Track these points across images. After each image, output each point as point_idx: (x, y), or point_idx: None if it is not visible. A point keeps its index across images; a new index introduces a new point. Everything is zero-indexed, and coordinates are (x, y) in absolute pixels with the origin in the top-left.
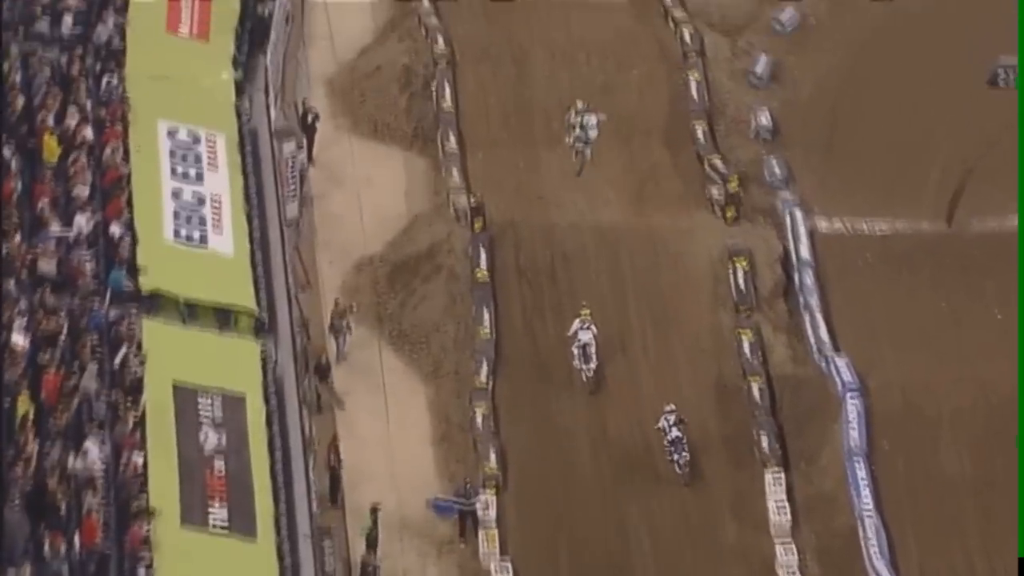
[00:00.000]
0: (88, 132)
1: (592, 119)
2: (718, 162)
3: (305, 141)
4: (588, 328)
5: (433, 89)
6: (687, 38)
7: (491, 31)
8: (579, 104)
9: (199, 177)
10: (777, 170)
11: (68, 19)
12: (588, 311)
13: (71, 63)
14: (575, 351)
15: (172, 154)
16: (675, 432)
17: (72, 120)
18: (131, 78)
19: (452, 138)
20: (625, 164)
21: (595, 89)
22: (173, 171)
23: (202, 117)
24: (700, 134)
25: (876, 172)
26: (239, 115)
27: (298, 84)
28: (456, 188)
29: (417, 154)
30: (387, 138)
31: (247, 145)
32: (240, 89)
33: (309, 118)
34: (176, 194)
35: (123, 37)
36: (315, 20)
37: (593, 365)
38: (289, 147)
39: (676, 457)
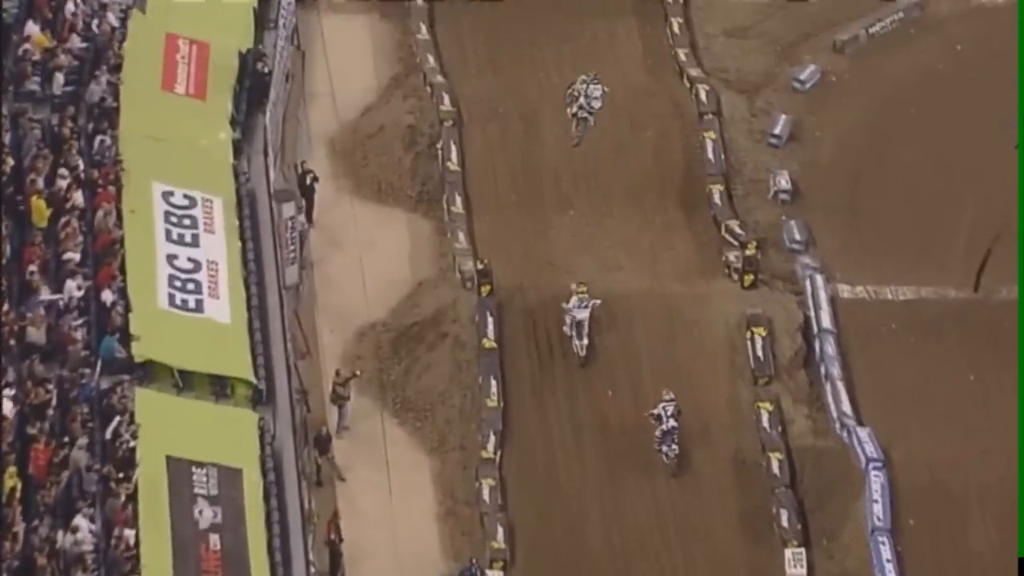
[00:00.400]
0: (80, 194)
1: (597, 90)
2: (735, 225)
3: (304, 203)
4: (586, 307)
5: (439, 149)
6: (703, 97)
7: (499, 89)
8: (584, 76)
9: (195, 241)
10: (797, 234)
11: (59, 78)
12: (585, 288)
13: (62, 123)
14: (568, 320)
15: (167, 217)
16: (671, 423)
17: (63, 182)
18: (125, 138)
19: (458, 200)
20: (638, 227)
21: (607, 149)
22: (168, 235)
23: (198, 179)
24: (717, 196)
25: (900, 236)
26: (237, 176)
27: (298, 144)
28: (462, 252)
29: (422, 216)
30: (391, 200)
31: (245, 208)
32: (238, 149)
33: (308, 180)
34: (171, 259)
35: (116, 96)
36: (316, 78)
37: (586, 342)
38: (289, 209)
39: (666, 449)
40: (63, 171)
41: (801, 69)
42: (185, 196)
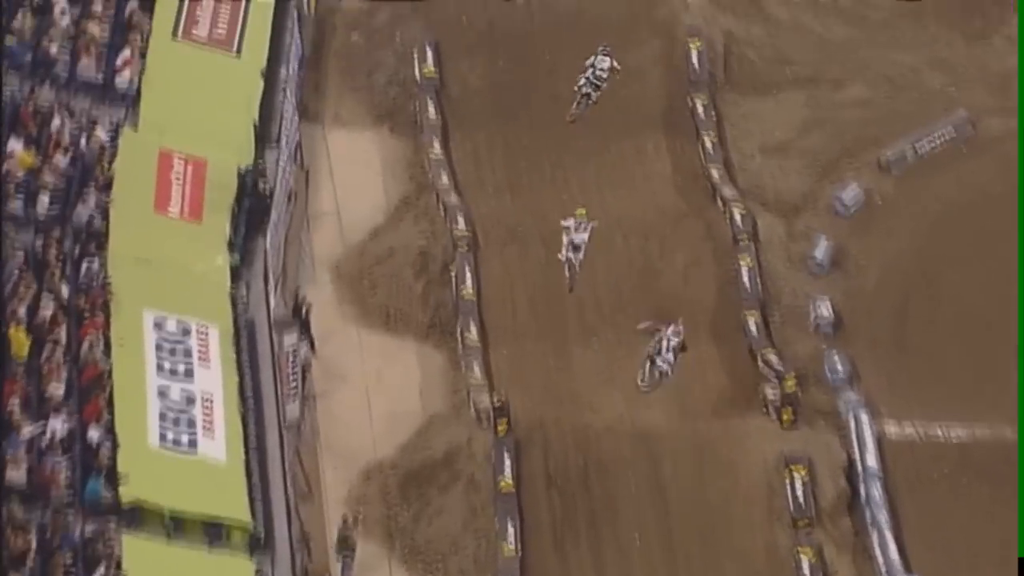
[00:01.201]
0: (64, 323)
1: (606, 61)
2: (773, 358)
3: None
4: (585, 229)
5: (452, 275)
6: (738, 219)
7: (518, 210)
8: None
9: (188, 374)
10: (840, 367)
11: (44, 198)
12: (584, 210)
13: (47, 247)
14: (565, 242)
15: (159, 348)
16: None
17: (47, 310)
18: (114, 263)
19: (473, 330)
20: None
21: (634, 274)
22: (160, 367)
23: (193, 306)
24: (752, 326)
25: (952, 370)
26: (235, 304)
27: (301, 269)
28: (477, 386)
29: (433, 347)
30: (400, 329)
31: (243, 337)
32: (236, 275)
33: (303, 310)
34: (162, 393)
35: (106, 218)
36: (321, 198)
37: (581, 256)
38: (290, 339)
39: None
40: (47, 298)
41: (844, 189)
42: (178, 325)
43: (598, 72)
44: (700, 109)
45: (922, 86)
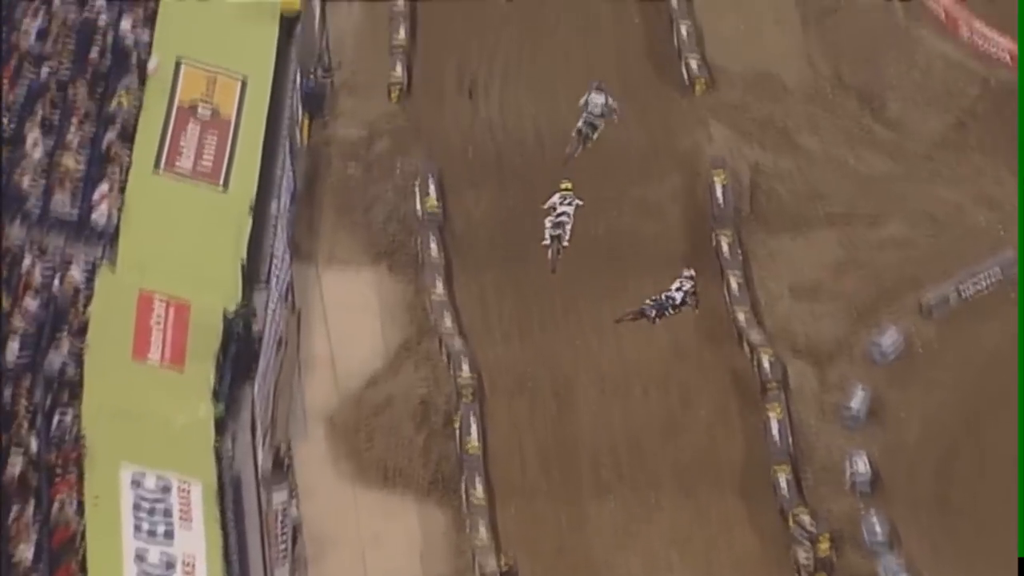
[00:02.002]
0: (34, 481)
1: (600, 98)
2: (805, 518)
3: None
4: (570, 203)
5: (456, 427)
6: (766, 367)
7: (527, 356)
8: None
9: (169, 535)
10: (878, 529)
11: (14, 345)
12: (570, 184)
13: (16, 397)
14: (549, 224)
15: (136, 507)
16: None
17: (15, 466)
18: (89, 415)
19: (479, 486)
20: (691, 519)
21: (654, 426)
22: (137, 528)
23: (174, 461)
24: (783, 484)
25: (999, 534)
26: (219, 459)
27: (291, 421)
28: (483, 548)
29: (436, 506)
30: (399, 487)
31: (228, 495)
32: (221, 427)
33: (284, 464)
34: (140, 557)
35: (80, 365)
36: (314, 343)
37: (567, 236)
38: (280, 497)
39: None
40: (15, 454)
41: (881, 335)
42: (158, 482)
43: (592, 111)
44: (725, 247)
45: (966, 224)
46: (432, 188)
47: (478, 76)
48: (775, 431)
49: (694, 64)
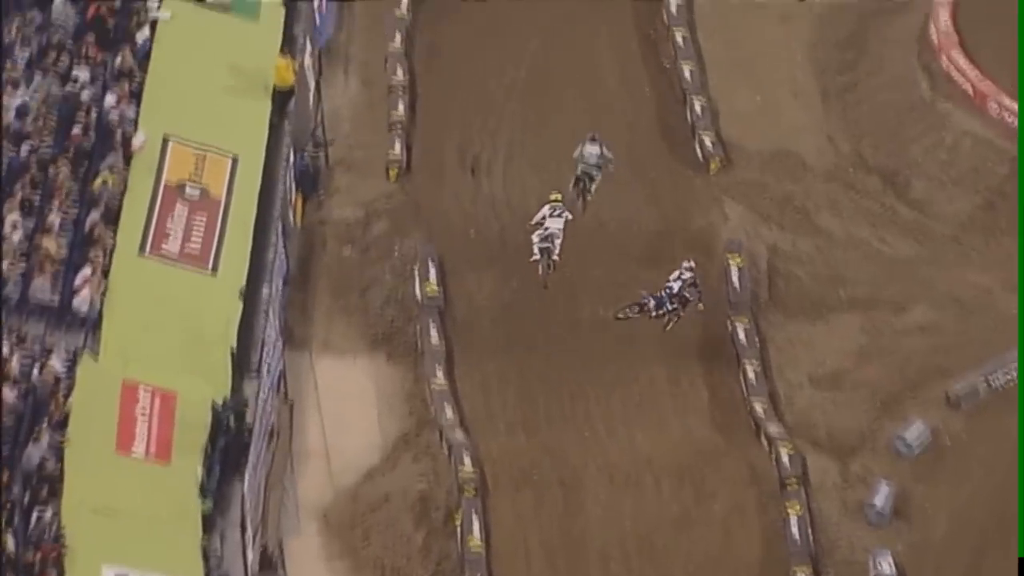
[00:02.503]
0: None
1: (595, 149)
2: None
3: None
4: (559, 215)
5: (458, 524)
6: (785, 460)
7: (533, 449)
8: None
9: None
10: None
11: None
12: (560, 195)
13: None
14: (536, 240)
15: None
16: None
17: None
18: (69, 512)
19: None
20: None
21: (667, 523)
22: None
23: (159, 561)
24: None
25: None
26: (207, 558)
27: (283, 517)
28: None
29: None
30: None
31: None
32: (209, 524)
33: (275, 563)
34: None
35: (60, 460)
36: (307, 435)
37: (558, 250)
38: None
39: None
40: None
41: (907, 428)
42: None
43: (588, 160)
44: (741, 334)
45: (996, 309)
46: (432, 271)
47: (481, 153)
48: (795, 528)
49: (708, 141)
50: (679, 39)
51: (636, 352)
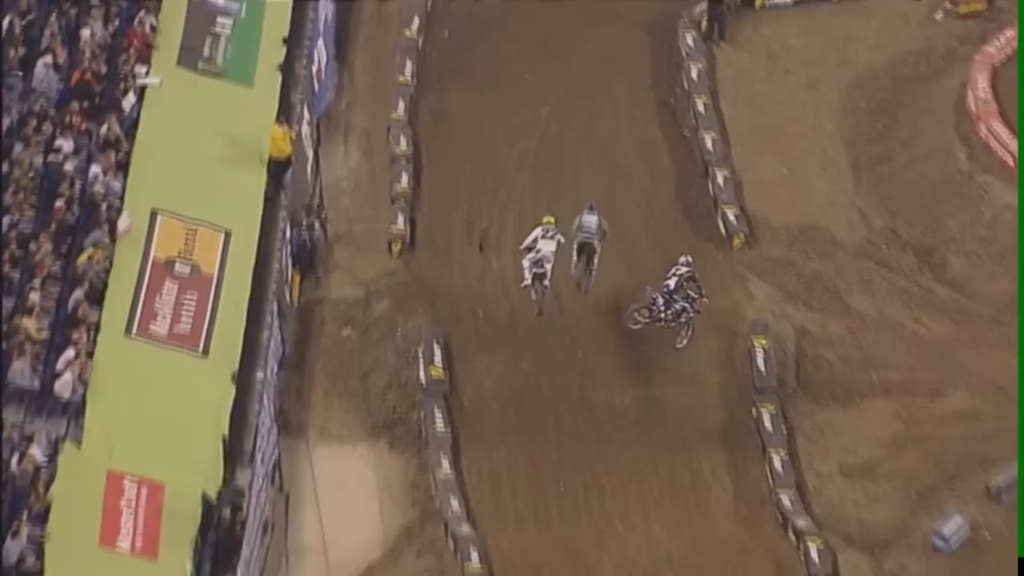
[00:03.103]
0: None
1: (592, 218)
2: None
3: None
4: (552, 237)
5: None
6: (815, 556)
7: (545, 544)
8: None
9: None
10: None
11: None
12: (553, 218)
13: None
14: (527, 264)
15: None
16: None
17: None
18: None
19: None
20: None
21: None
22: None
23: None
24: None
25: None
26: None
27: None
28: None
29: None
30: None
31: None
32: None
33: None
34: None
35: (40, 556)
36: (304, 527)
37: (549, 274)
38: None
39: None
40: None
41: (944, 522)
42: None
43: (588, 229)
44: (767, 421)
45: None
46: (437, 354)
47: (490, 227)
48: None
49: (731, 214)
50: (700, 106)
51: (655, 439)
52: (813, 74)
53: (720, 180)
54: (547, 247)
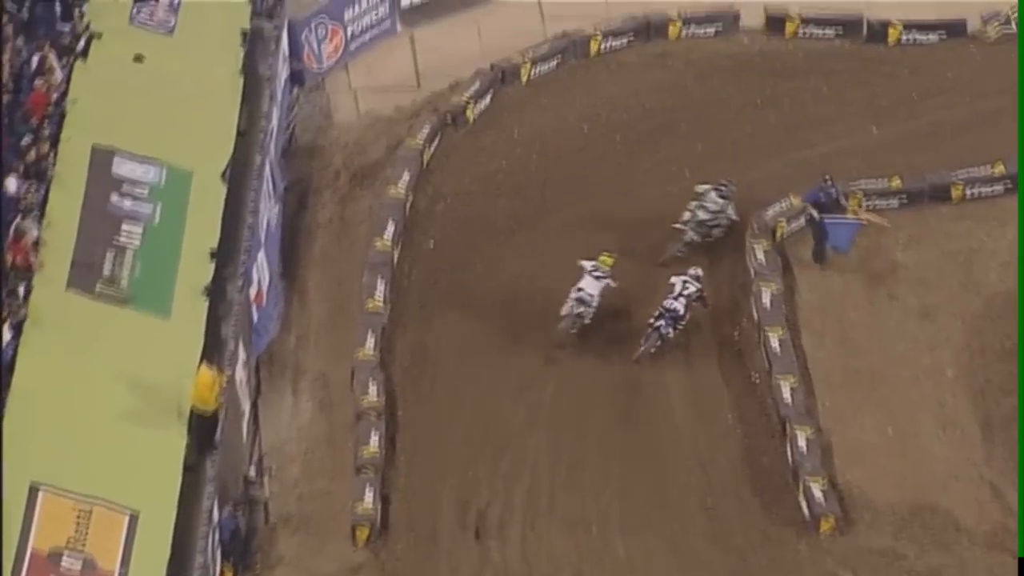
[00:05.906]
0: None
1: (597, 286)
2: None
3: None
4: (602, 279)
5: None
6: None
7: None
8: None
9: None
10: None
11: None
12: (610, 257)
13: None
14: (572, 300)
15: None
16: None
17: None
18: None
19: None
20: None
21: None
22: None
23: None
24: None
25: None
26: None
27: None
28: None
29: None
30: None
31: None
32: None
33: None
34: None
35: None
36: None
37: (591, 313)
38: None
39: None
40: None
41: None
42: None
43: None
44: None
45: None
46: None
47: (490, 508)
48: None
49: (817, 490)
50: (775, 343)
51: None
52: (927, 301)
53: (802, 443)
54: (591, 288)
